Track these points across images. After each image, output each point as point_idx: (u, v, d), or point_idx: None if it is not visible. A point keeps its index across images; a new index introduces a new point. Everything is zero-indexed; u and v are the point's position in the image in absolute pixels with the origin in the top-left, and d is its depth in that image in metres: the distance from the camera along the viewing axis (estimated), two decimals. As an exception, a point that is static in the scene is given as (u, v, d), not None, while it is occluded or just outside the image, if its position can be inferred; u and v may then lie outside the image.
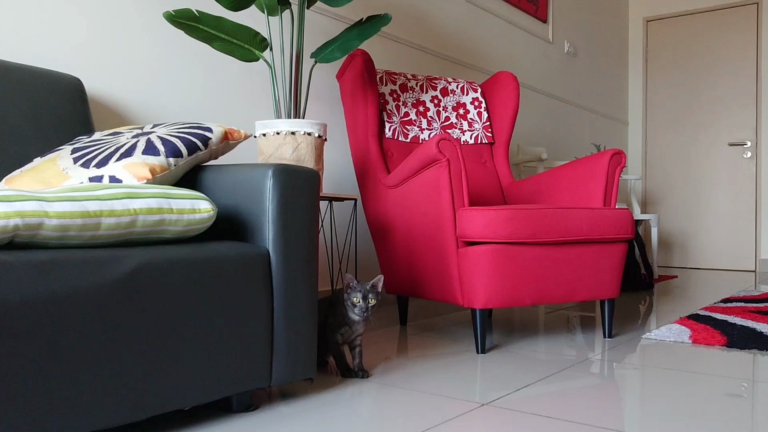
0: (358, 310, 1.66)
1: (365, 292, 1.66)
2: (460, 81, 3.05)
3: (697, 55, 5.80)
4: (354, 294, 1.66)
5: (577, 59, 5.23)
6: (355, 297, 1.66)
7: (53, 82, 1.81)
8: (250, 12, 2.66)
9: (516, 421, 1.41)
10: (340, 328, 1.74)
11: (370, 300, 1.66)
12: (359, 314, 1.66)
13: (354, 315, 1.68)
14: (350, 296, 1.67)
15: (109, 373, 1.14)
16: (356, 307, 1.66)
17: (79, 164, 1.46)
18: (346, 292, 1.68)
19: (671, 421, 1.42)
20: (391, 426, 1.38)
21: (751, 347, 2.17)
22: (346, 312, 1.70)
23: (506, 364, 1.97)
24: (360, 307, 1.65)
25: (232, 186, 1.52)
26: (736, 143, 5.61)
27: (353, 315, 1.68)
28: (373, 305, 1.67)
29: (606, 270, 2.27)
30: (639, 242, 4.34)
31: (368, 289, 1.67)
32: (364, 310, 1.66)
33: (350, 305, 1.66)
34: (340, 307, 1.73)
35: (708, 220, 5.75)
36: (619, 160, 2.42)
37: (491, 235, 2.02)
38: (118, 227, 1.21)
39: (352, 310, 1.67)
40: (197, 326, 1.28)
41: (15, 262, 1.03)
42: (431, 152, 2.10)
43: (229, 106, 2.59)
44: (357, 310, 1.66)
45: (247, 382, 1.40)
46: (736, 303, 3.25)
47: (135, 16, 2.26)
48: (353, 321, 1.71)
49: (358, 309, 1.66)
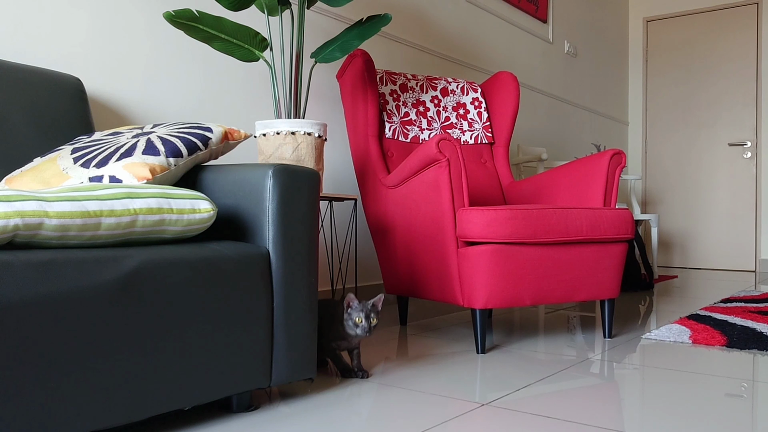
0: (361, 330, 1.66)
1: (367, 312, 1.67)
2: (460, 81, 3.05)
3: (697, 55, 5.80)
4: (356, 313, 1.67)
5: (577, 59, 5.23)
6: (357, 317, 1.66)
7: (53, 82, 1.81)
8: (250, 12, 2.67)
9: (516, 421, 1.41)
10: (337, 340, 1.74)
11: (372, 319, 1.67)
12: (361, 333, 1.67)
13: (355, 332, 1.68)
14: (351, 316, 1.67)
15: (109, 373, 1.14)
16: (358, 327, 1.66)
17: (79, 164, 1.46)
18: (347, 312, 1.68)
19: (671, 421, 1.42)
20: (391, 426, 1.38)
21: (751, 347, 2.17)
22: (344, 329, 1.70)
23: (506, 364, 1.97)
24: (362, 327, 1.66)
25: (232, 186, 1.52)
26: (736, 143, 5.61)
27: (354, 332, 1.68)
28: (375, 324, 1.68)
29: (606, 270, 2.27)
30: (639, 242, 4.34)
31: (370, 309, 1.67)
32: (367, 330, 1.66)
33: (352, 324, 1.67)
34: (336, 323, 1.72)
35: (708, 220, 5.75)
36: (619, 160, 2.42)
37: (491, 235, 2.02)
38: (118, 227, 1.21)
39: (354, 330, 1.67)
40: (197, 326, 1.28)
41: (15, 262, 1.03)
42: (431, 152, 2.10)
43: (229, 106, 2.59)
44: (359, 330, 1.66)
45: (247, 382, 1.40)
46: (736, 303, 3.25)
47: (135, 17, 2.26)
48: (352, 336, 1.71)
49: (360, 329, 1.66)
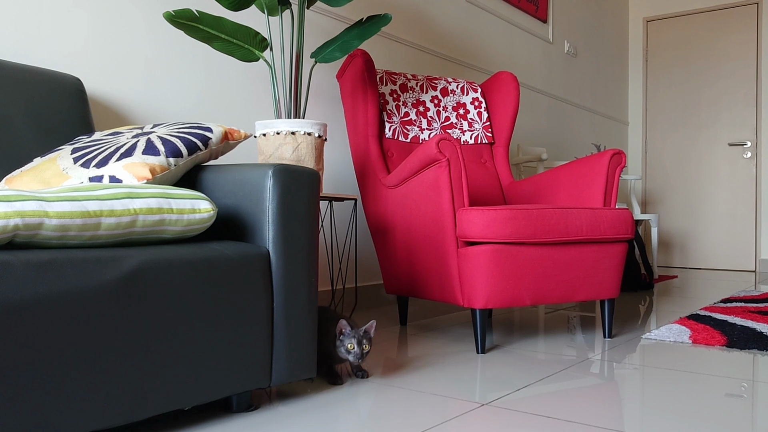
0: (353, 356, 1.66)
1: (359, 338, 1.67)
2: (460, 81, 3.05)
3: (697, 55, 5.80)
4: (348, 340, 1.67)
5: (577, 59, 5.23)
6: (349, 344, 1.66)
7: (53, 82, 1.81)
8: (250, 12, 2.66)
9: (516, 421, 1.41)
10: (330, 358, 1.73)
11: (365, 346, 1.67)
12: (354, 360, 1.66)
13: (347, 358, 1.68)
14: (344, 342, 1.67)
15: (109, 373, 1.14)
16: (351, 354, 1.66)
17: (79, 164, 1.46)
18: (339, 339, 1.68)
19: (671, 421, 1.42)
20: (390, 426, 1.38)
21: (751, 347, 2.17)
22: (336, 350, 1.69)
23: (506, 364, 1.97)
24: (354, 353, 1.66)
25: (232, 186, 1.52)
26: (736, 143, 5.61)
27: (345, 358, 1.68)
28: (367, 351, 1.68)
29: (606, 270, 2.27)
30: (639, 242, 4.34)
31: (362, 335, 1.67)
32: (359, 356, 1.66)
33: (344, 351, 1.67)
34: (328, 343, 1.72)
35: (708, 220, 5.75)
36: (619, 160, 2.42)
37: (491, 235, 2.02)
38: (118, 227, 1.21)
39: (346, 356, 1.67)
40: (197, 326, 1.28)
41: (15, 262, 1.03)
42: (431, 152, 2.10)
43: (229, 106, 2.59)
44: (351, 356, 1.66)
45: (247, 382, 1.40)
46: (736, 303, 3.25)
47: (135, 17, 2.26)
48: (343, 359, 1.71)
49: (352, 355, 1.66)
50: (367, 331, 1.69)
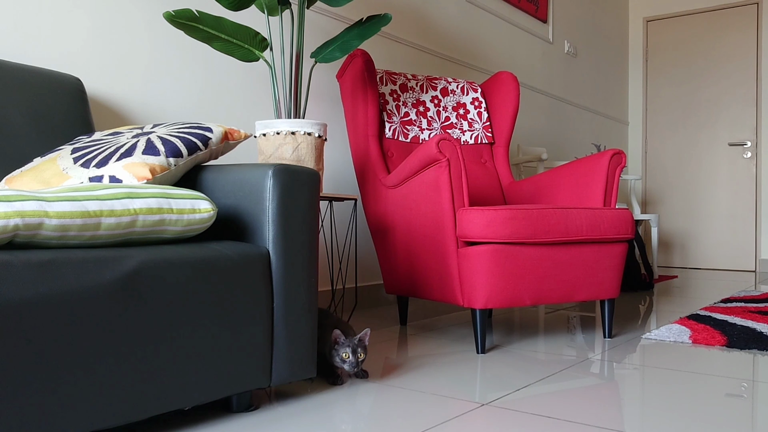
0: (348, 365, 1.67)
1: (354, 347, 1.67)
2: (460, 81, 3.05)
3: (697, 55, 5.80)
4: (343, 349, 1.67)
5: (577, 59, 5.23)
6: (344, 353, 1.67)
7: (53, 82, 1.81)
8: (250, 12, 2.66)
9: (516, 421, 1.41)
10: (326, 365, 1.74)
11: (360, 354, 1.68)
12: (349, 368, 1.67)
13: (343, 367, 1.68)
14: (339, 351, 1.67)
15: (109, 373, 1.14)
16: (346, 363, 1.67)
17: (79, 164, 1.46)
18: (334, 348, 1.68)
19: (671, 421, 1.42)
20: (390, 426, 1.38)
21: (751, 347, 2.17)
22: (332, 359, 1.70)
23: (506, 364, 1.97)
24: (350, 362, 1.67)
25: (232, 186, 1.52)
26: (736, 143, 5.61)
27: (341, 367, 1.69)
28: (362, 359, 1.68)
29: (606, 270, 2.27)
30: (639, 242, 4.34)
31: (356, 344, 1.68)
32: (354, 365, 1.67)
33: (339, 360, 1.67)
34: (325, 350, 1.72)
35: (708, 220, 5.75)
36: (619, 160, 2.42)
37: (491, 235, 2.02)
38: (118, 227, 1.21)
39: (342, 365, 1.68)
40: (197, 326, 1.28)
41: (15, 262, 1.03)
42: (431, 152, 2.10)
43: (229, 106, 2.59)
44: (347, 365, 1.67)
45: (247, 382, 1.40)
46: (736, 303, 3.25)
47: (135, 17, 2.26)
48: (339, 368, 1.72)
49: (348, 364, 1.67)
50: (361, 339, 1.70)
